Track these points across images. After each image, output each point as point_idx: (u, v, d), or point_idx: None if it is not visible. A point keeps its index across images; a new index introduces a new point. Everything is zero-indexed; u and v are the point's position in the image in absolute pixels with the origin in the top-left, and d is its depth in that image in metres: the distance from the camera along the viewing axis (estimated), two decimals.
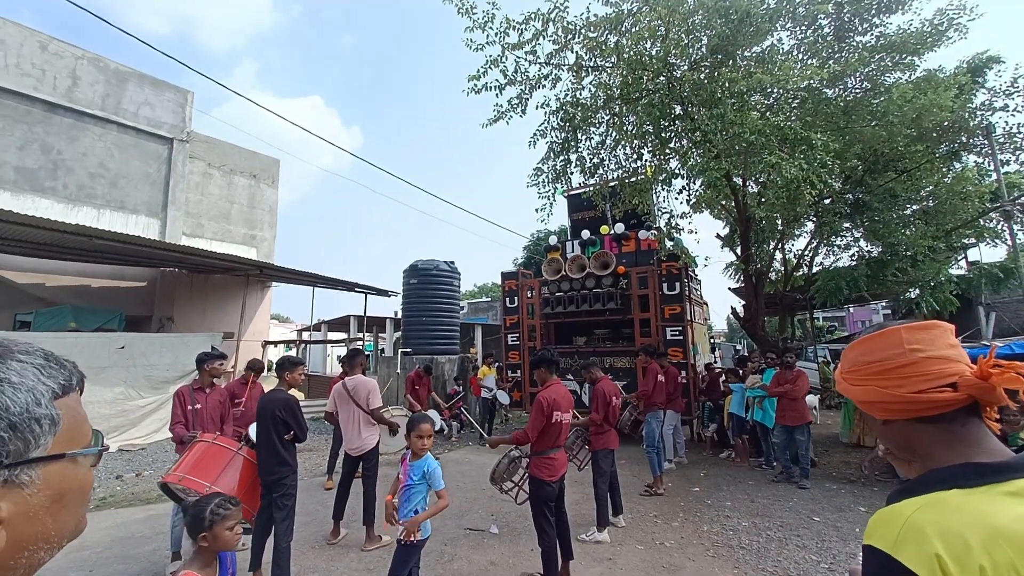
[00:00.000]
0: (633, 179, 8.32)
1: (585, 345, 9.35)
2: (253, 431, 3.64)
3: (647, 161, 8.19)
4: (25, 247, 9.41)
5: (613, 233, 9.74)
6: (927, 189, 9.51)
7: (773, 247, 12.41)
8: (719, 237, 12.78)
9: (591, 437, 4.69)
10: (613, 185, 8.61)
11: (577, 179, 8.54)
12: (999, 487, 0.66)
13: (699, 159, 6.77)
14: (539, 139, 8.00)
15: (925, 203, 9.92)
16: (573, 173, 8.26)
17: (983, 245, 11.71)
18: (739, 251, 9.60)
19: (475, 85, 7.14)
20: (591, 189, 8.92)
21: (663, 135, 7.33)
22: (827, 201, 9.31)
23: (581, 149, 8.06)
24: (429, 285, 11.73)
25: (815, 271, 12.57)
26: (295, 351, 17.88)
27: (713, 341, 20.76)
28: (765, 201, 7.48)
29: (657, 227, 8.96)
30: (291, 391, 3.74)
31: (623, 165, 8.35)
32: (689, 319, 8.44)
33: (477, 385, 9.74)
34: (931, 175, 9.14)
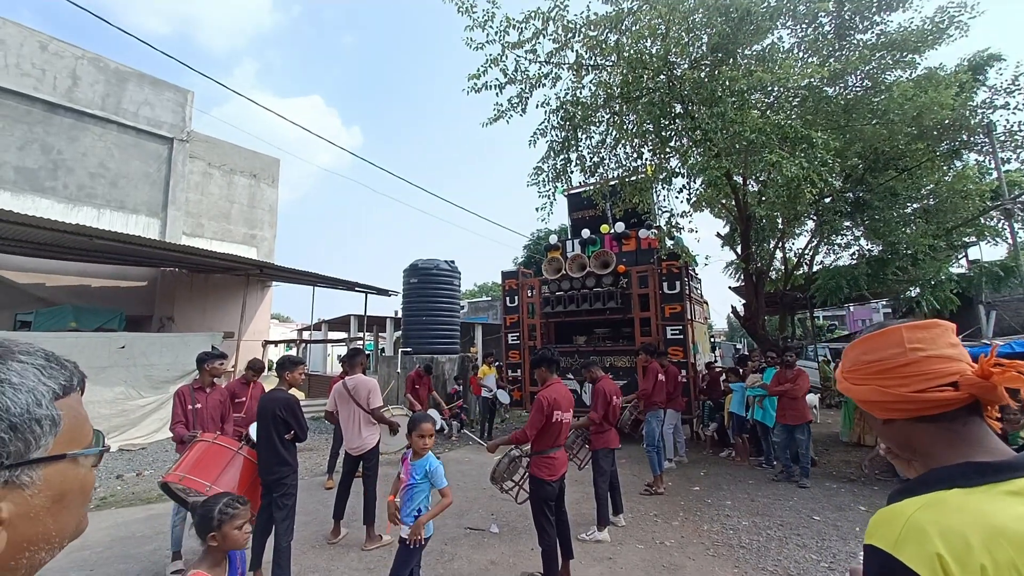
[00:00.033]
0: (633, 178, 8.32)
1: (585, 344, 9.35)
2: (253, 430, 3.64)
3: (647, 160, 8.19)
4: (25, 247, 9.42)
5: (613, 232, 9.73)
6: (928, 187, 9.50)
7: (773, 246, 12.41)
8: (719, 236, 12.77)
9: (591, 436, 4.70)
10: (613, 184, 8.60)
11: (577, 178, 8.55)
12: (1000, 486, 0.66)
13: (699, 158, 6.77)
14: (539, 138, 8.00)
15: (926, 201, 9.91)
16: (573, 172, 8.26)
17: (984, 243, 11.71)
18: (739, 250, 9.60)
19: (475, 84, 7.14)
20: (591, 188, 8.92)
21: (663, 134, 7.32)
22: (827, 200, 9.30)
23: (581, 148, 8.05)
24: (429, 284, 11.73)
25: (815, 270, 12.58)
26: (295, 351, 17.89)
27: (713, 340, 20.77)
28: (765, 200, 7.48)
29: (657, 226, 8.96)
30: (291, 391, 3.74)
31: (623, 164, 8.34)
32: (689, 318, 8.44)
33: (477, 384, 9.74)
34: (932, 173, 9.13)
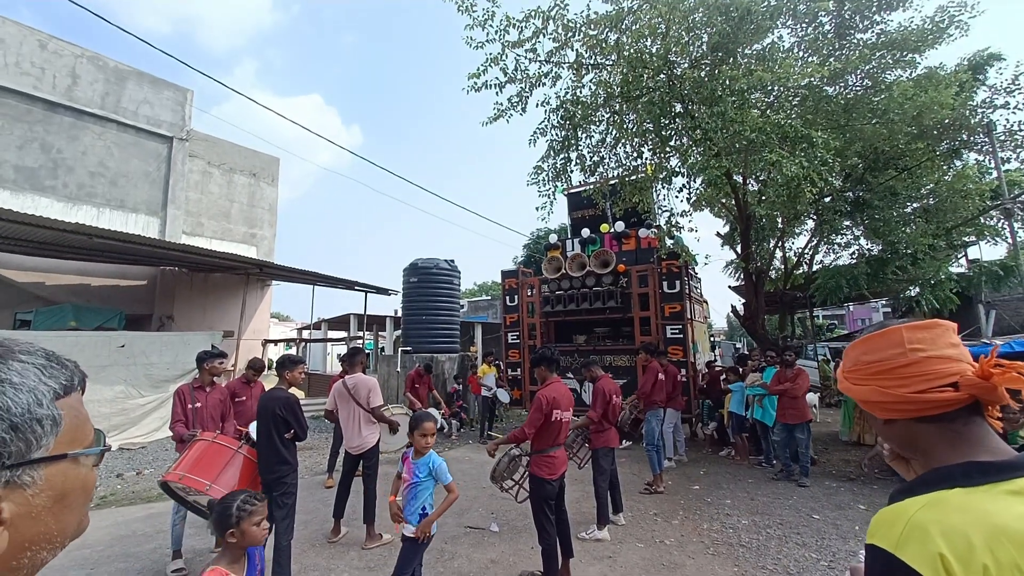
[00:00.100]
0: (633, 177, 8.32)
1: (585, 343, 9.34)
2: (254, 429, 3.64)
3: (647, 159, 8.18)
4: (25, 246, 9.41)
5: (613, 231, 9.73)
6: (928, 187, 9.50)
7: (773, 245, 12.42)
8: (719, 235, 12.77)
9: (591, 435, 4.70)
10: (613, 183, 8.60)
11: (577, 177, 8.56)
12: (1001, 486, 0.66)
13: (699, 157, 6.77)
14: (539, 137, 8.00)
15: (926, 201, 9.91)
16: (573, 171, 8.26)
17: (983, 243, 11.71)
18: (739, 249, 9.60)
19: (475, 83, 7.14)
20: (591, 187, 8.93)
21: (663, 133, 7.32)
22: (827, 199, 9.31)
23: (581, 147, 8.05)
24: (429, 283, 11.73)
25: (815, 269, 12.59)
26: (295, 350, 17.89)
27: (713, 339, 20.77)
28: (765, 199, 7.47)
29: (657, 225, 8.96)
30: (291, 389, 3.73)
31: (623, 163, 8.34)
32: (689, 317, 8.43)
33: (476, 384, 9.74)
34: (932, 173, 9.13)
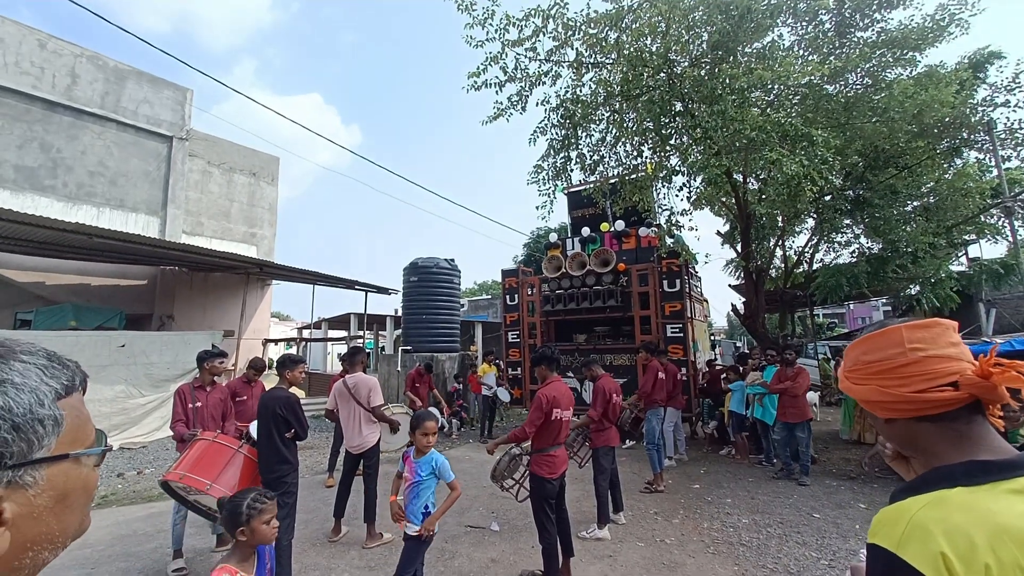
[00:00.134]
0: (633, 176, 8.32)
1: (585, 342, 9.35)
2: (254, 429, 3.65)
3: (647, 158, 8.18)
4: (25, 246, 9.41)
5: (613, 230, 9.73)
6: (928, 185, 9.49)
7: (774, 244, 12.41)
8: (719, 234, 12.76)
9: (592, 434, 4.70)
10: (613, 182, 8.59)
11: (577, 176, 8.55)
12: (1003, 485, 0.66)
13: (699, 156, 6.76)
14: (539, 136, 8.00)
15: (926, 199, 9.90)
16: (573, 170, 8.26)
17: (984, 241, 11.69)
18: (739, 248, 9.60)
19: (475, 82, 7.14)
20: (591, 186, 8.92)
21: (663, 132, 7.31)
22: (828, 198, 9.29)
23: (581, 146, 8.05)
24: (429, 283, 11.73)
25: (815, 268, 12.58)
26: (295, 349, 17.90)
27: (713, 338, 20.79)
28: (766, 198, 7.47)
29: (657, 224, 8.96)
30: (292, 389, 3.73)
31: (623, 162, 8.33)
32: (689, 316, 8.43)
33: (476, 383, 9.75)
34: (932, 171, 9.13)
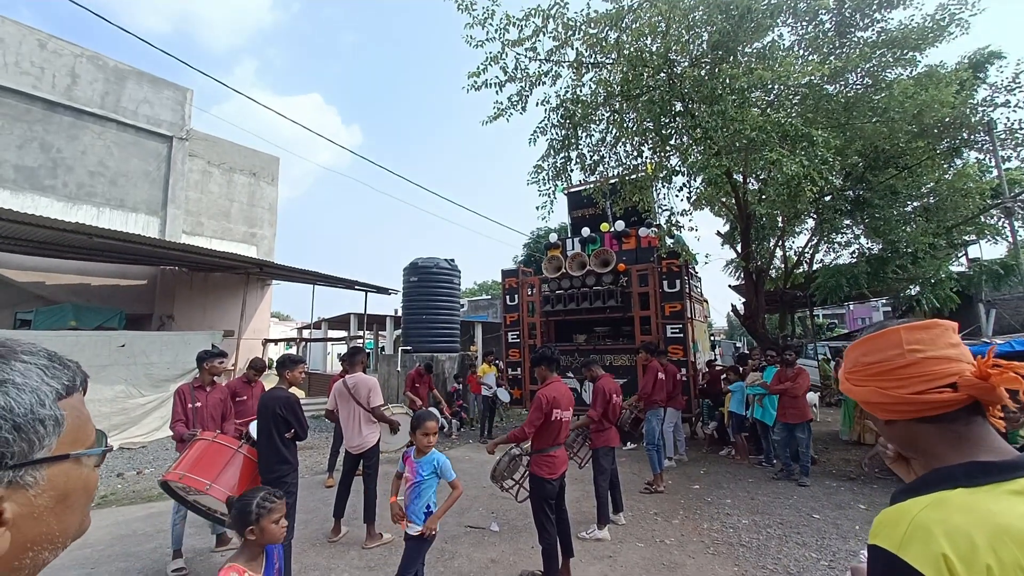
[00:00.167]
0: (633, 176, 8.32)
1: (585, 343, 9.34)
2: (254, 429, 3.65)
3: (647, 158, 8.18)
4: (25, 245, 9.41)
5: (613, 230, 9.73)
6: (928, 186, 9.50)
7: (774, 244, 12.41)
8: (719, 234, 12.77)
9: (592, 435, 4.70)
10: (613, 182, 8.59)
11: (577, 176, 8.56)
12: (1004, 486, 0.66)
13: (700, 156, 6.76)
14: (539, 136, 8.00)
15: (926, 200, 9.91)
16: (573, 170, 8.26)
17: (984, 242, 11.71)
18: (739, 248, 9.59)
19: (475, 82, 7.14)
20: (591, 186, 8.92)
21: (663, 132, 7.31)
22: (828, 198, 9.29)
23: (581, 146, 8.05)
24: (429, 283, 11.73)
25: (815, 268, 12.58)
26: (295, 349, 17.90)
27: (713, 338, 20.80)
28: (766, 198, 7.47)
29: (657, 224, 8.96)
30: (291, 389, 3.73)
31: (623, 162, 8.34)
32: (689, 316, 8.43)
33: (476, 383, 9.74)
34: (932, 172, 9.13)
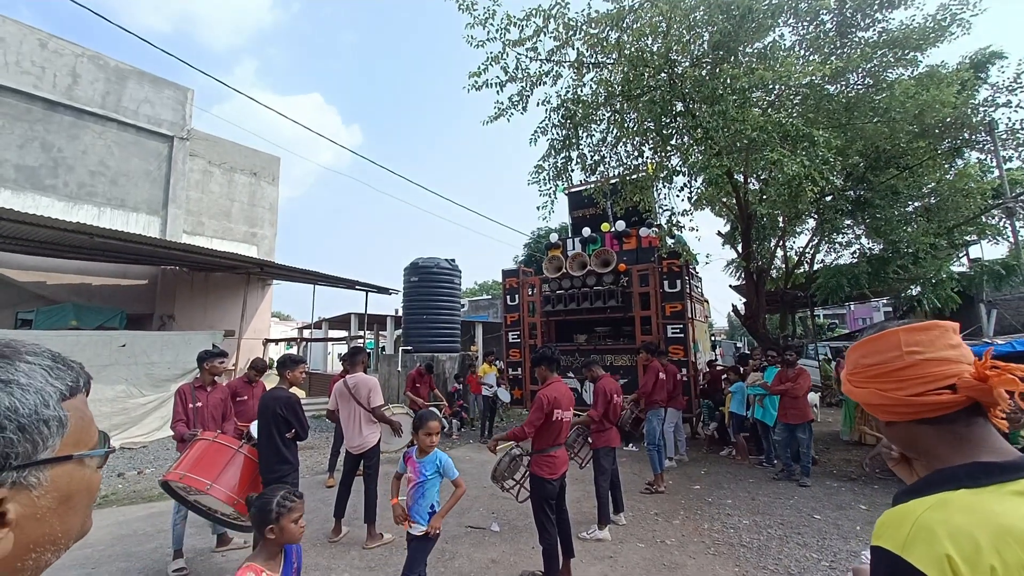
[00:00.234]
0: (634, 176, 8.32)
1: (586, 343, 9.34)
2: (255, 429, 3.65)
3: (648, 158, 8.18)
4: (26, 245, 9.42)
5: (614, 231, 9.72)
6: (929, 186, 9.49)
7: (774, 244, 12.41)
8: (720, 234, 12.76)
9: (592, 435, 4.69)
10: (614, 182, 8.59)
11: (578, 176, 8.55)
12: (1007, 486, 0.66)
13: (700, 156, 6.76)
14: (540, 136, 7.99)
15: (927, 200, 9.90)
16: (574, 170, 8.26)
17: (985, 242, 11.69)
18: (740, 248, 9.60)
19: (476, 82, 7.14)
20: (592, 186, 8.92)
21: (664, 132, 7.31)
22: (828, 198, 9.29)
23: (582, 146, 8.05)
24: (430, 283, 11.74)
25: (816, 268, 12.56)
26: (296, 349, 17.91)
27: (714, 338, 20.80)
28: (766, 198, 7.47)
29: (658, 224, 8.96)
30: (292, 389, 3.74)
31: (624, 162, 8.34)
32: (690, 317, 8.43)
33: (476, 383, 9.75)
34: (933, 172, 9.12)
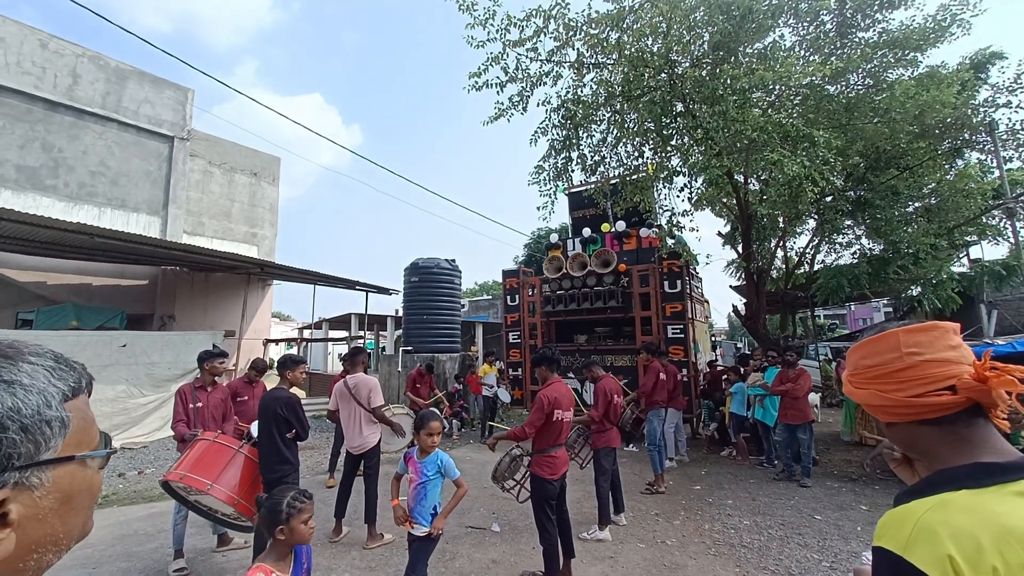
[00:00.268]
0: (634, 177, 8.32)
1: (586, 343, 9.34)
2: (255, 429, 3.65)
3: (648, 159, 8.18)
4: (27, 245, 9.42)
5: (614, 231, 9.72)
6: (929, 186, 9.48)
7: (775, 245, 12.40)
8: (720, 235, 12.76)
9: (593, 435, 4.69)
10: (614, 183, 8.59)
11: (578, 177, 8.56)
12: (1009, 487, 0.66)
13: (701, 156, 6.76)
14: (540, 137, 8.00)
15: (927, 200, 9.89)
16: (574, 171, 8.26)
17: (985, 242, 11.66)
18: (740, 249, 9.59)
19: (476, 82, 7.15)
20: (592, 187, 8.92)
21: (664, 132, 7.31)
22: (829, 198, 9.28)
23: (582, 147, 8.05)
24: (430, 283, 11.73)
25: (816, 269, 12.55)
26: (296, 349, 17.91)
27: (714, 339, 20.77)
28: (767, 199, 7.46)
29: (658, 225, 8.96)
30: (293, 389, 3.74)
31: (624, 163, 8.34)
32: (690, 317, 8.43)
33: (477, 383, 9.75)
34: (933, 172, 9.12)
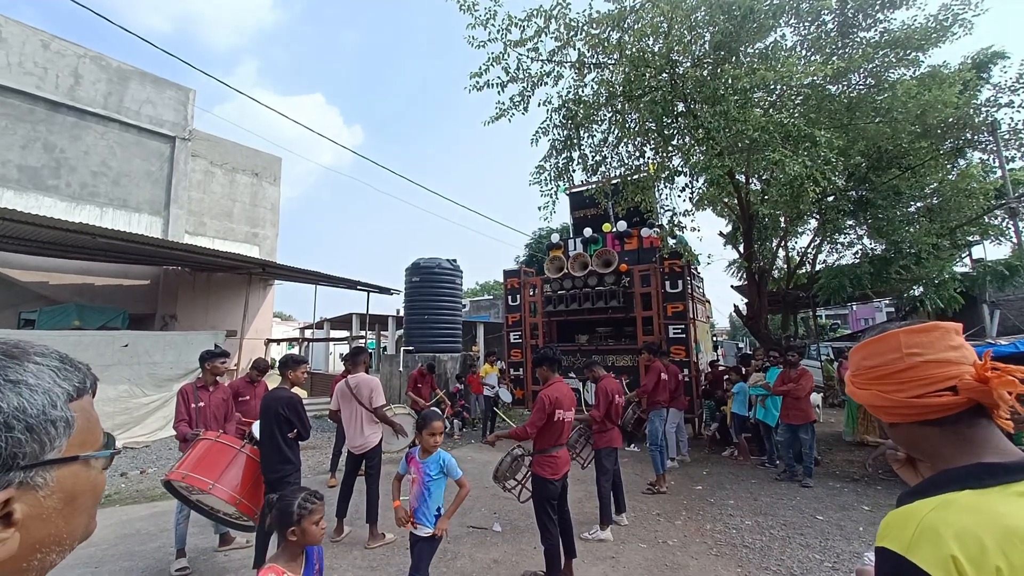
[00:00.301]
0: (635, 177, 8.32)
1: (587, 343, 9.34)
2: (257, 428, 3.66)
3: (649, 158, 8.17)
4: (29, 245, 9.44)
5: (615, 231, 9.72)
6: (931, 186, 9.46)
7: (776, 245, 12.37)
8: (722, 235, 12.74)
9: (594, 435, 4.69)
10: (615, 183, 8.59)
11: (579, 177, 8.55)
12: (1012, 487, 0.66)
13: (702, 156, 6.75)
14: (541, 137, 8.00)
15: (929, 200, 9.86)
16: (575, 171, 8.25)
17: (988, 242, 11.62)
18: (742, 249, 9.58)
19: (477, 82, 7.15)
20: (593, 187, 8.91)
21: (666, 132, 7.31)
22: (830, 198, 9.26)
23: (583, 147, 8.04)
24: (431, 283, 11.75)
25: (818, 269, 12.52)
26: (298, 349, 17.93)
27: (716, 339, 20.78)
28: (768, 198, 7.46)
29: (660, 225, 8.95)
30: (294, 389, 3.75)
31: (625, 162, 8.33)
32: (692, 317, 8.42)
33: (478, 383, 9.75)
34: (935, 172, 9.09)
